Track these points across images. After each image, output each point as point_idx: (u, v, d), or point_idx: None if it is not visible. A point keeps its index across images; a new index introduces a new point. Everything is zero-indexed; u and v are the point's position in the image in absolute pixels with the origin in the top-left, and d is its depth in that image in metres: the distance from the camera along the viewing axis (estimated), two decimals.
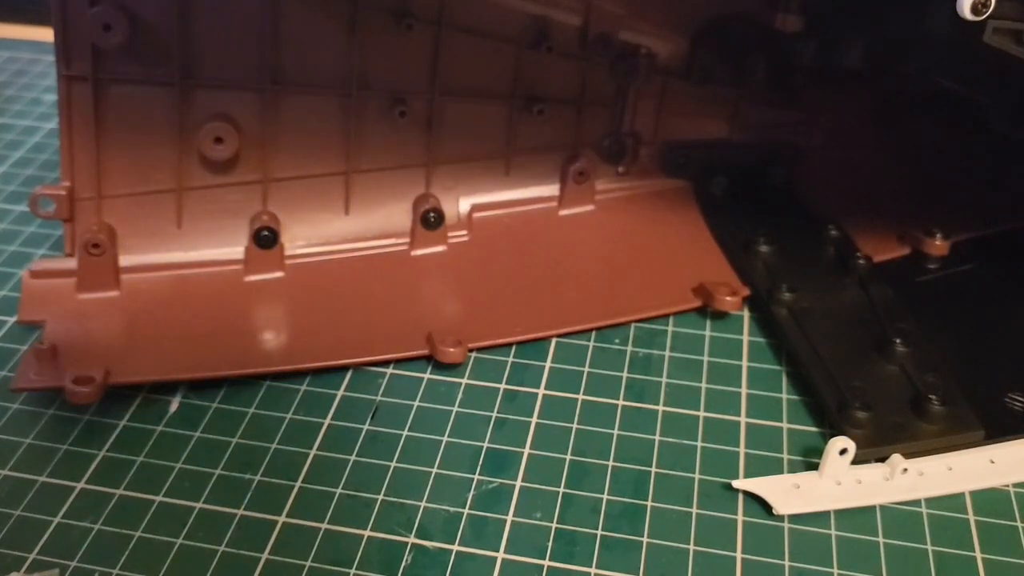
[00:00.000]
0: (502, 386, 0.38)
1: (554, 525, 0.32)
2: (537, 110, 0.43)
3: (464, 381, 0.38)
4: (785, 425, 0.36)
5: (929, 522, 0.33)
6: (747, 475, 0.34)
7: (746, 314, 0.41)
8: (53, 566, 0.30)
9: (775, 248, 0.43)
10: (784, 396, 0.37)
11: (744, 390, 0.38)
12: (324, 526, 0.32)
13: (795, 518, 0.33)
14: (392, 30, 0.40)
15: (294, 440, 0.35)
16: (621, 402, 0.37)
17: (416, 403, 0.37)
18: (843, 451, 0.33)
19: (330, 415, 0.36)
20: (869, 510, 0.33)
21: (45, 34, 0.62)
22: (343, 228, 0.43)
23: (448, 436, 0.35)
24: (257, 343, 0.38)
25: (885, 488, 0.33)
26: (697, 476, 0.34)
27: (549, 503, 0.33)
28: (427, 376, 0.38)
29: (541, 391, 0.37)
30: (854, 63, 0.43)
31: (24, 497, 0.33)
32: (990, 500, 0.34)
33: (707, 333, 0.40)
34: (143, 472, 0.34)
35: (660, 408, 0.37)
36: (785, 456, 0.35)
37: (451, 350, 0.38)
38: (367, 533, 0.32)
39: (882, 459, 0.34)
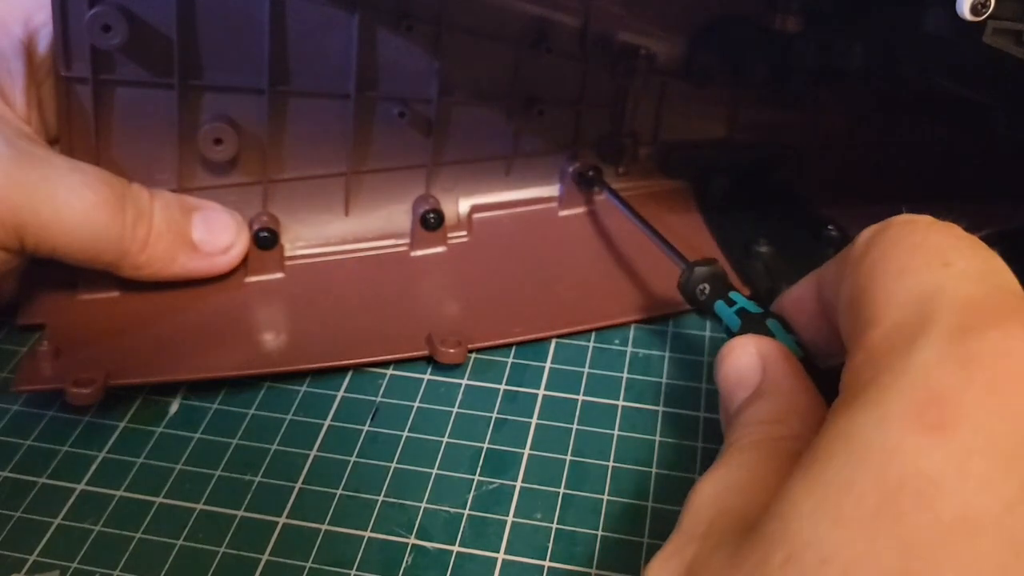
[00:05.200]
0: (502, 386, 0.38)
1: (554, 525, 0.32)
2: (537, 111, 0.43)
3: (464, 382, 0.38)
4: None
5: None
6: None
7: None
8: (54, 567, 0.30)
9: (775, 248, 0.43)
10: None
11: None
12: (324, 527, 0.32)
13: None
14: (392, 31, 0.40)
15: (294, 441, 0.35)
16: (621, 402, 0.37)
17: (416, 404, 0.37)
18: None
19: (330, 416, 0.36)
20: None
21: None
22: (343, 229, 0.43)
23: (448, 437, 0.35)
24: (257, 344, 0.38)
25: None
26: (697, 476, 0.34)
27: (549, 503, 0.33)
28: (427, 377, 0.38)
29: (541, 391, 0.37)
30: (854, 63, 0.43)
31: (24, 498, 0.33)
32: None
33: (707, 333, 0.40)
34: (143, 473, 0.34)
35: (660, 408, 0.37)
36: None
37: (451, 351, 0.38)
38: (367, 534, 0.32)
39: None
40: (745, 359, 0.28)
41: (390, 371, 0.38)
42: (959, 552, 0.17)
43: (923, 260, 0.22)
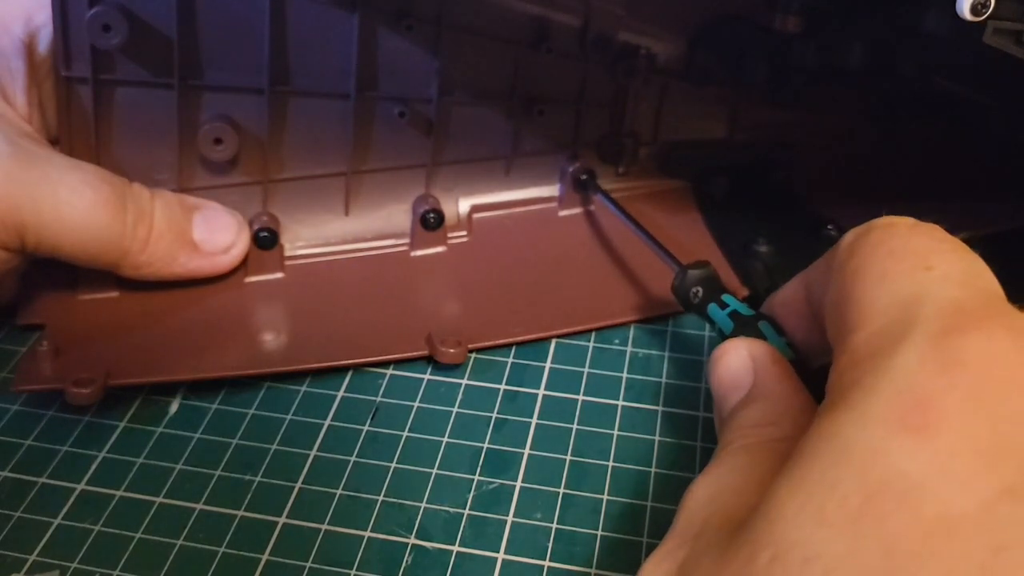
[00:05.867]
0: (502, 386, 0.38)
1: (554, 525, 0.32)
2: (537, 111, 0.43)
3: (464, 382, 0.38)
4: None
5: None
6: None
7: None
8: (53, 567, 0.30)
9: (775, 248, 0.43)
10: None
11: None
12: (324, 527, 0.32)
13: None
14: (392, 31, 0.40)
15: (294, 441, 0.35)
16: (621, 402, 0.37)
17: (416, 404, 0.37)
18: None
19: (330, 416, 0.36)
20: None
21: None
22: (343, 229, 0.43)
23: (448, 437, 0.35)
24: (257, 344, 0.38)
25: None
26: (697, 476, 0.34)
27: (549, 503, 0.33)
28: (427, 377, 0.38)
29: (541, 391, 0.37)
30: (853, 63, 0.43)
31: (24, 498, 0.33)
32: None
33: (707, 333, 0.40)
34: (143, 473, 0.34)
35: (660, 408, 0.37)
36: None
37: (451, 351, 0.38)
38: (367, 534, 0.32)
39: None
40: (737, 362, 0.28)
41: (390, 371, 0.38)
42: (939, 551, 0.18)
43: (905, 264, 0.23)
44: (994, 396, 0.19)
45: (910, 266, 0.22)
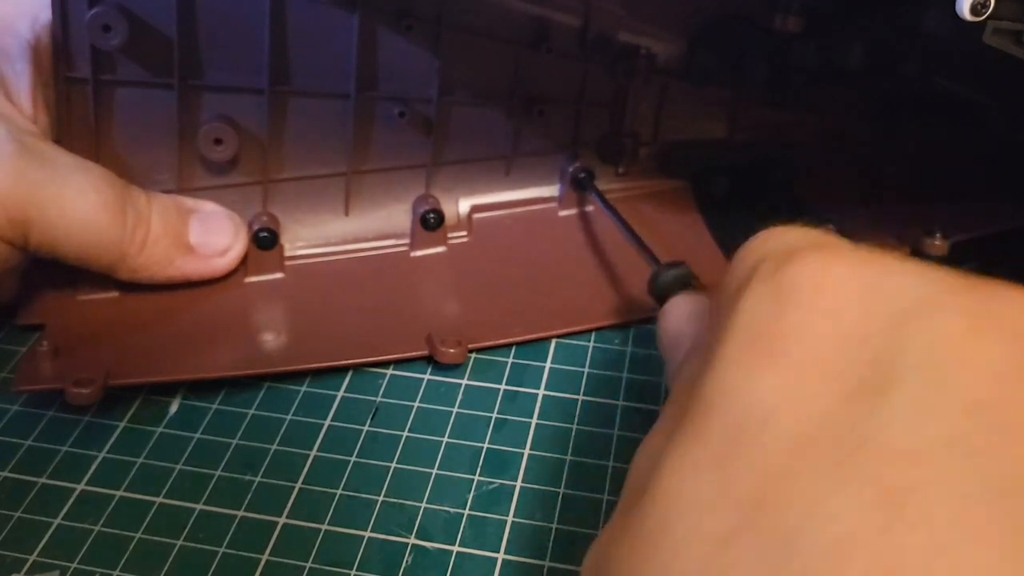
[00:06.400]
0: (502, 386, 0.38)
1: (554, 525, 0.32)
2: (537, 111, 0.43)
3: (464, 382, 0.38)
4: None
5: None
6: None
7: None
8: (53, 568, 0.30)
9: None
10: None
11: None
12: (324, 527, 0.32)
13: None
14: (392, 31, 0.40)
15: (294, 441, 0.35)
16: (621, 402, 0.37)
17: (416, 404, 0.37)
18: None
19: (330, 416, 0.36)
20: None
21: None
22: (343, 229, 0.43)
23: (448, 437, 0.35)
24: (257, 344, 0.38)
25: None
26: None
27: (549, 503, 0.33)
28: (427, 377, 0.38)
29: (541, 391, 0.37)
30: (853, 63, 0.43)
31: (24, 498, 0.33)
32: None
33: None
34: (143, 473, 0.34)
35: (659, 408, 0.37)
36: None
37: (451, 351, 0.38)
38: (367, 534, 0.32)
39: None
40: (674, 322, 0.29)
41: (390, 371, 0.38)
42: (802, 461, 0.18)
43: (763, 237, 0.25)
44: (823, 311, 0.20)
45: (765, 237, 0.25)
